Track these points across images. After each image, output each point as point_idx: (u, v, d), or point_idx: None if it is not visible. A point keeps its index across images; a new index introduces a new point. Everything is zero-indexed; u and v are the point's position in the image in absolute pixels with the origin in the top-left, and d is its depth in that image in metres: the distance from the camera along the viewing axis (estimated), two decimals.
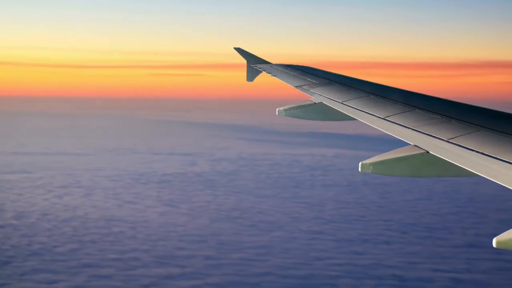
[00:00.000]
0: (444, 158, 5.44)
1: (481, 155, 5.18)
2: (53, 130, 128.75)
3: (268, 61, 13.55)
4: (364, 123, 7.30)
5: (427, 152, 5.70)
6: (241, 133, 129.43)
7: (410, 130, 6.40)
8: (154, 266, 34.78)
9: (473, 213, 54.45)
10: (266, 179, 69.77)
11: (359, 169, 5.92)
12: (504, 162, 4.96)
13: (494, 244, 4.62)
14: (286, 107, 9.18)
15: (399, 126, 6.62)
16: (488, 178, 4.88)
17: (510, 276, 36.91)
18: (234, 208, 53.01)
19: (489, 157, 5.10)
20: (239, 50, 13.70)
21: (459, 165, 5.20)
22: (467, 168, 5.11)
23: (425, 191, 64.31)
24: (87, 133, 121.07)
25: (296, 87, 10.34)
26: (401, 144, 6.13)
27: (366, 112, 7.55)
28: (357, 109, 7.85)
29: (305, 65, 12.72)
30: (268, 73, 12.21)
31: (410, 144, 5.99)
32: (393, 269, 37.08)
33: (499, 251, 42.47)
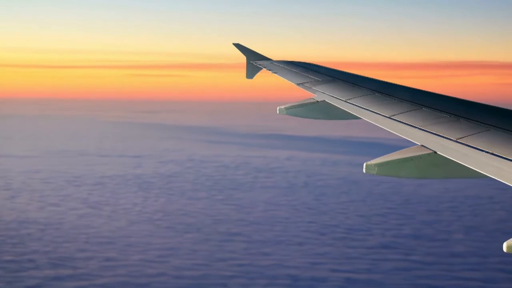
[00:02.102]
0: (453, 159, 5.33)
1: (491, 155, 5.06)
2: (7, 132, 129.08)
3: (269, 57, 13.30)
4: (368, 121, 7.19)
5: (435, 152, 5.59)
6: (203, 135, 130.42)
7: (417, 129, 6.27)
8: (47, 267, 35.81)
9: (402, 214, 55.89)
10: (206, 181, 70.88)
11: (364, 170, 5.76)
12: None
13: (504, 249, 4.57)
14: (287, 105, 9.06)
15: (406, 125, 6.50)
16: (499, 180, 4.77)
17: (407, 277, 38.27)
18: (158, 210, 54.08)
19: (500, 158, 4.98)
20: (238, 46, 13.40)
21: (468, 166, 5.09)
22: (476, 169, 4.99)
23: (363, 193, 65.76)
24: (41, 135, 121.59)
25: (298, 84, 10.16)
26: (408, 144, 6.02)
27: (371, 111, 7.42)
28: (361, 107, 7.73)
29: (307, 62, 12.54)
30: (269, 70, 11.98)
31: (417, 144, 5.88)
32: (291, 270, 38.33)
33: (408, 252, 43.98)
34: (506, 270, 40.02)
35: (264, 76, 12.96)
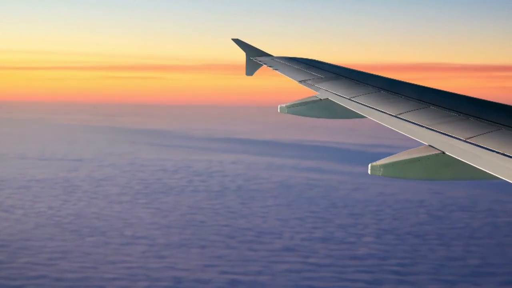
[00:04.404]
0: (462, 160, 5.26)
1: (502, 156, 4.99)
2: None
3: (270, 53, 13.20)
4: (373, 120, 7.12)
5: (443, 152, 5.52)
6: (157, 139, 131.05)
7: (424, 128, 6.19)
8: None
9: (321, 218, 57.07)
10: (136, 185, 71.70)
11: (369, 172, 5.72)
12: None
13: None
14: (288, 103, 8.92)
15: (412, 124, 6.42)
16: (510, 181, 4.73)
17: (294, 278, 39.40)
18: (71, 214, 54.84)
19: (511, 158, 4.93)
20: (237, 41, 13.26)
21: (478, 167, 5.03)
22: (486, 170, 4.93)
23: (292, 197, 66.93)
24: None
25: (300, 81, 10.05)
26: (415, 144, 5.95)
27: (376, 109, 7.32)
28: (366, 105, 7.62)
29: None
30: (269, 66, 11.85)
31: (425, 144, 5.81)
32: (179, 272, 39.33)
33: (307, 254, 45.12)
34: (399, 272, 41.30)
35: (264, 75, 12.80)
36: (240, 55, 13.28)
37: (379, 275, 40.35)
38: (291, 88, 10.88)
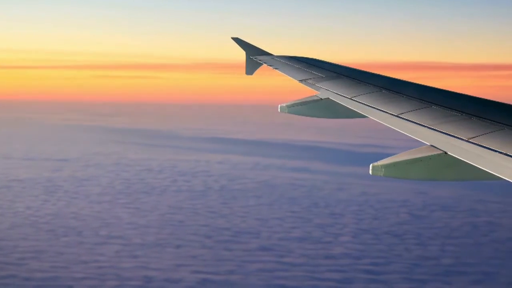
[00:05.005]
0: (464, 160, 5.23)
1: (505, 156, 4.96)
2: None
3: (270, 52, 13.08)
4: (375, 120, 7.09)
5: (445, 153, 5.50)
6: (145, 139, 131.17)
7: (426, 128, 6.16)
8: None
9: (301, 218, 57.28)
10: (119, 185, 71.87)
11: (370, 172, 5.63)
12: None
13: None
14: (289, 103, 8.87)
15: (414, 124, 6.40)
16: None
17: (266, 278, 39.61)
18: (50, 214, 55.01)
19: None
20: (237, 40, 13.13)
21: (481, 168, 5.00)
22: (489, 171, 4.91)
23: (275, 197, 67.12)
24: None
25: (301, 81, 10.00)
26: (417, 144, 5.92)
27: (377, 109, 7.31)
28: (367, 105, 7.60)
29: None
30: (270, 65, 11.74)
31: (426, 144, 5.78)
32: (151, 271, 39.53)
33: (283, 254, 45.35)
34: (372, 271, 41.53)
35: (264, 75, 12.73)
36: (240, 54, 13.28)
37: (351, 274, 40.58)
38: (292, 87, 10.74)
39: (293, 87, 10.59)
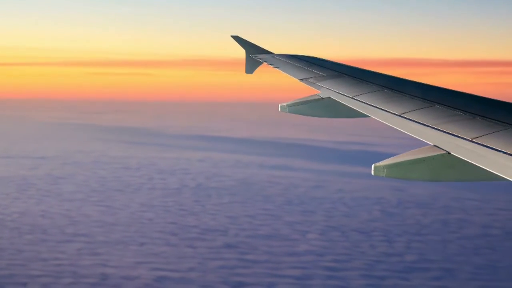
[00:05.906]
0: (467, 160, 5.20)
1: (508, 156, 4.92)
2: None
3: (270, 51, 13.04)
4: (377, 120, 7.05)
5: (448, 153, 5.47)
6: (131, 137, 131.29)
7: (429, 128, 6.12)
8: None
9: (272, 215, 57.53)
10: (94, 183, 72.05)
11: (372, 172, 5.59)
12: None
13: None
14: (289, 102, 8.80)
15: (417, 124, 6.36)
16: None
17: (225, 274, 39.87)
18: (18, 212, 55.21)
19: None
20: (236, 38, 13.10)
21: (484, 168, 4.98)
22: (492, 171, 4.88)
23: (250, 194, 67.35)
24: None
25: (301, 80, 9.94)
26: (419, 144, 5.90)
27: (379, 108, 7.25)
28: (369, 104, 7.53)
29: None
30: (270, 64, 11.71)
31: (429, 144, 5.75)
32: (109, 269, 39.78)
33: (246, 251, 45.60)
34: (333, 268, 41.82)
35: (264, 73, 12.78)
36: (240, 53, 13.24)
37: (311, 271, 40.86)
38: (292, 86, 10.61)
39: (293, 86, 10.49)
